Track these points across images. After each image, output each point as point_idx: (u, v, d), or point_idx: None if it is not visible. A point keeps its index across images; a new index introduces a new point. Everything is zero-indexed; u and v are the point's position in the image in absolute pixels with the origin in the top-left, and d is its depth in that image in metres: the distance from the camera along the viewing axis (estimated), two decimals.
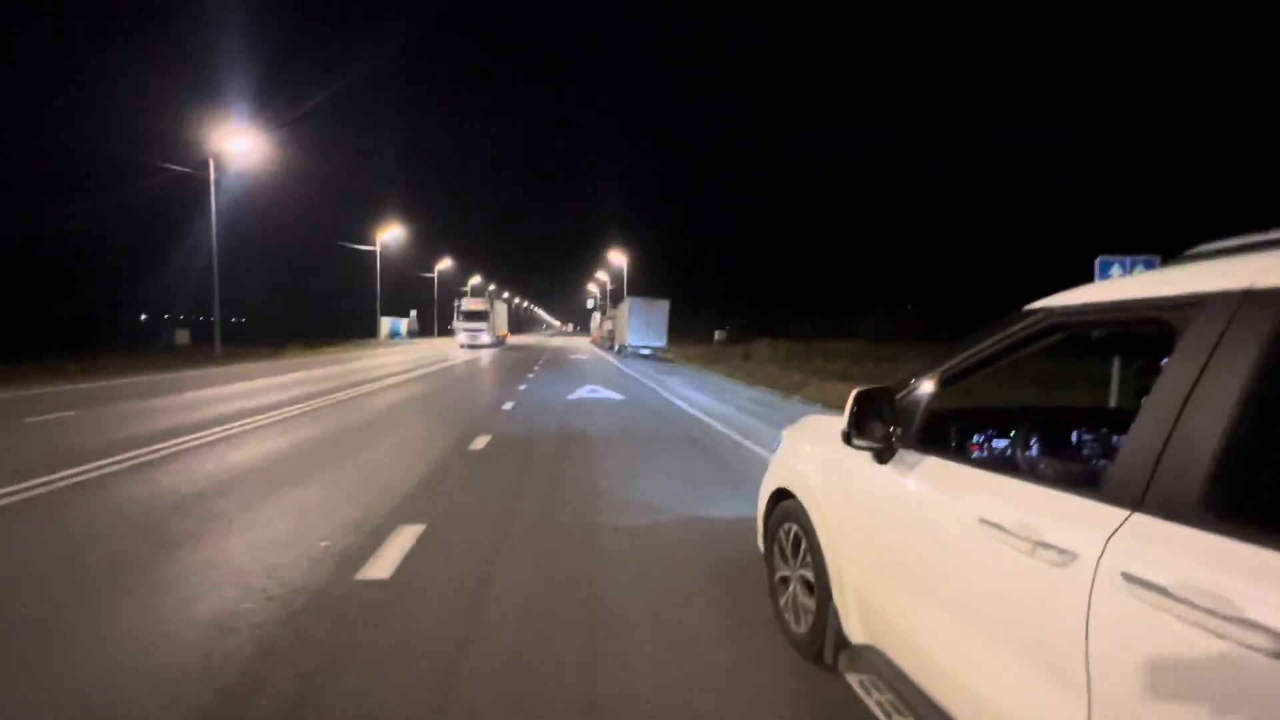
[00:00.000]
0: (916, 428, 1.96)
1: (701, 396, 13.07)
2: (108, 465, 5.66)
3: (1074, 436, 2.19)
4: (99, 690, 2.27)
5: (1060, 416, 2.42)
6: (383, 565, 3.43)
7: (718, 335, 35.89)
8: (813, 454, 2.60)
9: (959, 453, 2.16)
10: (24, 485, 4.91)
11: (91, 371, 15.00)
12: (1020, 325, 1.74)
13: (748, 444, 7.50)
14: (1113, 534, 1.21)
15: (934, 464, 1.84)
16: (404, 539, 3.85)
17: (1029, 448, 2.10)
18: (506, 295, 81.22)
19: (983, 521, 1.53)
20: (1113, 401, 5.80)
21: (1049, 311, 1.67)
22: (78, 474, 5.33)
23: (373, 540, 3.82)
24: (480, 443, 7.14)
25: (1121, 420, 2.30)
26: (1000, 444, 2.26)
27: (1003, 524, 1.46)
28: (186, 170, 22.01)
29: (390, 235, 43.60)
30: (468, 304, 39.61)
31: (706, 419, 9.73)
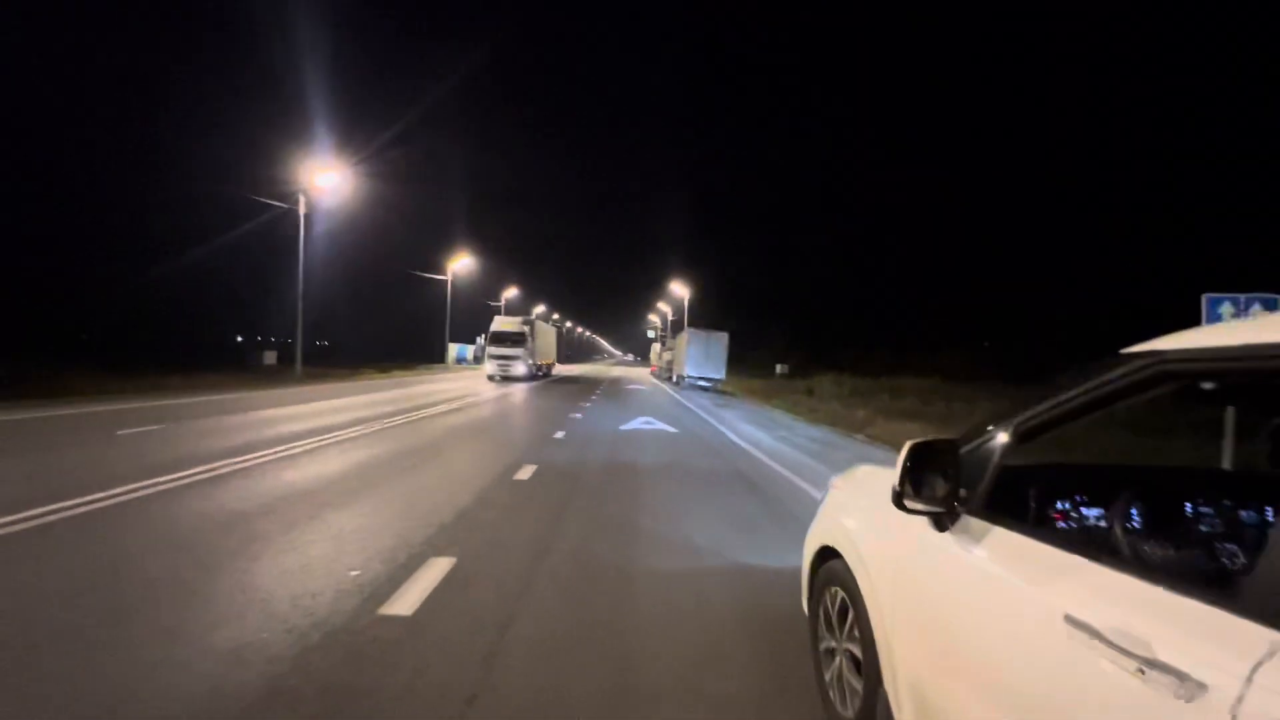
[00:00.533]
0: (985, 489, 1.64)
1: (758, 432, 12.62)
2: (174, 480, 5.89)
3: (1187, 508, 1.80)
4: (100, 715, 2.22)
5: (1166, 479, 2.01)
6: (407, 600, 3.32)
7: (780, 368, 34.98)
8: (863, 510, 2.29)
9: (1039, 524, 1.81)
10: (94, 497, 5.14)
11: (187, 387, 16.15)
12: (1119, 372, 1.41)
13: (802, 484, 7.07)
14: (1260, 664, 0.89)
15: (1006, 538, 1.53)
16: (434, 572, 3.74)
17: (1129, 521, 1.72)
18: (556, 317, 68.82)
19: (1070, 620, 1.21)
20: (1225, 461, 5.03)
21: (1158, 356, 1.33)
22: (145, 487, 5.56)
23: (403, 571, 3.73)
24: (526, 472, 7.05)
25: (1247, 488, 1.88)
26: (1091, 514, 1.87)
27: (1097, 628, 1.14)
28: (281, 205, 23.84)
29: (461, 265, 45.37)
30: (498, 323, 29.21)
31: (761, 456, 9.32)
